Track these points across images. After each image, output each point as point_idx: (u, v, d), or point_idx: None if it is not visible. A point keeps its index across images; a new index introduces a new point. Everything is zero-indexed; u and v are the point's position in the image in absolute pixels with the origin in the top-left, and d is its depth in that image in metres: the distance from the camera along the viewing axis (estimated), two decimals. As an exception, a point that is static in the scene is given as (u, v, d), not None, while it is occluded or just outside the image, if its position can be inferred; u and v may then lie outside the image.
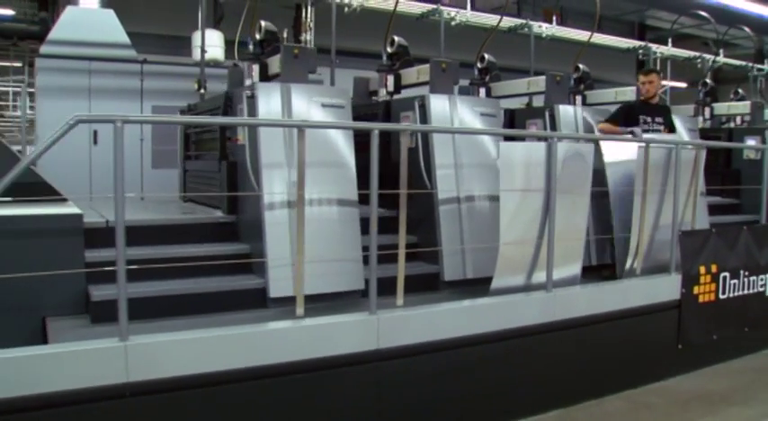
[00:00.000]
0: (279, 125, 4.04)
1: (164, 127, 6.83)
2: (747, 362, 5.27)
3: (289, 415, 3.10)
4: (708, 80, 8.55)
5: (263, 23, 5.13)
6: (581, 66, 6.66)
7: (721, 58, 10.37)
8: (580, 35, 8.62)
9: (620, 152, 4.98)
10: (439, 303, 3.76)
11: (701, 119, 8.05)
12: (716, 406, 4.30)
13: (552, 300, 4.11)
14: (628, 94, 7.03)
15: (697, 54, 10.35)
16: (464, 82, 5.83)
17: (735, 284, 5.22)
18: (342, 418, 3.28)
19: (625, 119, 5.31)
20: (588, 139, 4.93)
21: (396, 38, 5.64)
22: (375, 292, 3.36)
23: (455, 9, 7.75)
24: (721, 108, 8.59)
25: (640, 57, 10.13)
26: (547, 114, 5.59)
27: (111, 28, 6.65)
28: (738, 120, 8.75)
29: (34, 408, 2.57)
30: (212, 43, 7.28)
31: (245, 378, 2.90)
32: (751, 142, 7.58)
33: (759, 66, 10.76)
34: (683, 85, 13.15)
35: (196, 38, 7.23)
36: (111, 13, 6.70)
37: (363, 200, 3.75)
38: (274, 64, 5.05)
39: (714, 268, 5.06)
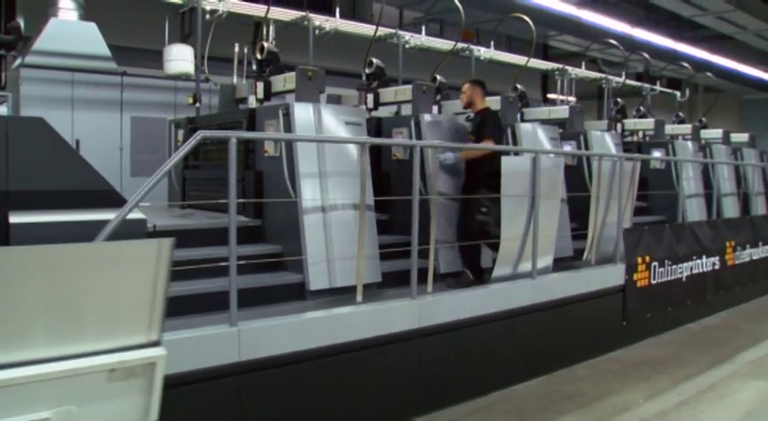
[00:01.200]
0: (346, 142, 4.56)
1: (144, 136, 7.07)
2: (672, 335, 6.44)
3: (362, 381, 3.72)
4: (619, 99, 9.93)
5: (265, 44, 5.64)
6: (438, 76, 6.93)
7: (622, 79, 11.91)
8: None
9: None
10: (462, 290, 4.55)
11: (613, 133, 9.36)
12: (659, 368, 5.34)
13: (538, 285, 4.98)
14: (560, 112, 8.16)
15: (602, 75, 11.84)
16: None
17: (661, 272, 6.37)
18: (395, 382, 3.94)
19: None
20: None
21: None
22: (416, 280, 4.05)
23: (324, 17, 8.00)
24: (629, 124, 9.99)
25: (556, 76, 11.39)
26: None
27: (93, 40, 6.80)
28: (641, 134, 10.21)
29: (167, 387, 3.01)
30: (183, 57, 7.59)
31: (332, 353, 3.48)
32: (657, 154, 8.97)
33: (652, 86, 12.50)
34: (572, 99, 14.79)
35: (167, 52, 7.53)
36: (93, 25, 6.84)
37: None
38: (278, 82, 5.59)
39: (647, 259, 6.17)
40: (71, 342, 1.26)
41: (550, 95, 13.69)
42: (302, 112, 4.57)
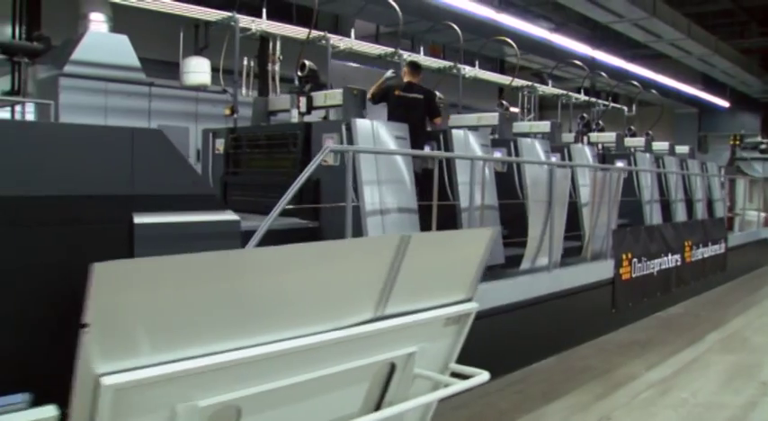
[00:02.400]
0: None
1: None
2: (648, 322, 7.47)
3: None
4: (585, 115, 11.04)
5: (306, 63, 6.25)
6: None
7: (581, 96, 13.10)
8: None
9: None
10: (496, 281, 5.35)
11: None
12: (646, 347, 6.31)
13: (553, 277, 5.84)
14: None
15: (564, 92, 12.99)
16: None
17: (639, 267, 7.40)
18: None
19: None
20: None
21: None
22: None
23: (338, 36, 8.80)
24: (593, 137, 11.11)
25: (526, 92, 12.41)
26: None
27: (125, 52, 7.17)
28: (600, 146, 11.36)
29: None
30: (201, 69, 8.05)
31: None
32: (620, 164, 10.09)
33: (604, 102, 13.78)
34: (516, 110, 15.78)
35: (186, 64, 7.98)
36: (125, 38, 7.21)
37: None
38: (319, 98, 6.21)
39: (630, 255, 7.18)
40: (420, 302, 1.88)
41: (513, 109, 14.74)
42: (363, 127, 5.23)
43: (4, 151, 3.52)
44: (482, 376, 2.13)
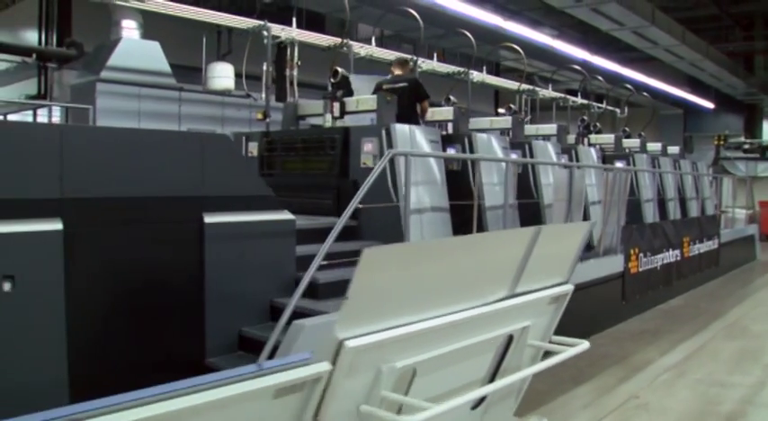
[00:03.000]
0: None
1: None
2: (653, 313, 7.95)
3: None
4: (585, 117, 11.53)
5: (339, 70, 6.60)
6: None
7: (578, 99, 13.62)
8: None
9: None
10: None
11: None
12: (657, 335, 6.77)
13: (576, 270, 6.25)
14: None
15: (562, 95, 13.49)
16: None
17: (645, 261, 7.88)
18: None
19: None
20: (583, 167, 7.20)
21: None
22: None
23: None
24: (593, 138, 11.61)
25: (525, 96, 12.88)
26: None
27: (157, 58, 7.46)
28: (598, 147, 11.87)
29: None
30: (225, 75, 8.37)
31: None
32: (619, 164, 10.59)
33: (599, 104, 14.32)
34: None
35: (211, 70, 8.29)
36: (156, 44, 7.49)
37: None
38: (351, 103, 6.56)
39: (637, 250, 7.65)
40: (536, 283, 2.27)
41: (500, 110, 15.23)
42: (401, 132, 5.62)
43: (104, 156, 3.85)
44: (583, 345, 2.52)
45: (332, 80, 6.52)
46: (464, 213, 6.14)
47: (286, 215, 4.94)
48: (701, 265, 10.01)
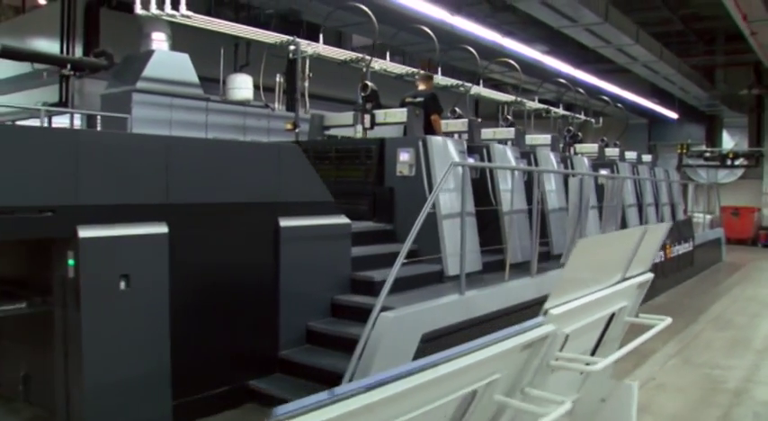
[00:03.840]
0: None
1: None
2: (645, 308, 8.63)
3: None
4: (571, 128, 12.29)
5: (369, 84, 7.09)
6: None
7: (560, 111, 14.41)
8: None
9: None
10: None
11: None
12: (640, 332, 7.46)
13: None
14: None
15: (546, 107, 14.25)
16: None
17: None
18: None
19: None
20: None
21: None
22: (536, 263, 5.79)
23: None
24: (579, 148, 12.38)
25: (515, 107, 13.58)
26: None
27: (186, 69, 7.81)
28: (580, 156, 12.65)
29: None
30: (245, 86, 8.77)
31: (518, 309, 5.15)
32: (603, 172, 11.37)
33: (575, 114, 15.14)
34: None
35: (231, 81, 8.68)
36: (186, 56, 7.84)
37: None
38: (379, 115, 7.06)
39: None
40: (633, 271, 2.85)
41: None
42: (437, 143, 6.17)
43: (201, 166, 4.26)
44: (667, 320, 3.10)
45: (362, 93, 7.01)
46: (483, 218, 6.69)
47: (344, 219, 5.43)
48: (680, 265, 10.86)
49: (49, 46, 9.15)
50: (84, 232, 3.54)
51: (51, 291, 3.78)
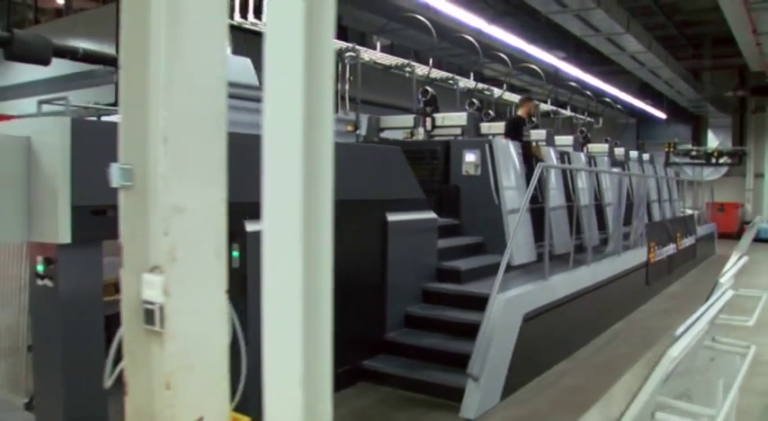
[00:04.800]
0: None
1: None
2: (663, 296, 9.50)
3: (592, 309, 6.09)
4: (584, 129, 13.07)
5: (429, 89, 7.71)
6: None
7: (569, 113, 15.18)
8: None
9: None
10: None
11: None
12: (679, 312, 8.24)
13: (619, 261, 7.65)
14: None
15: (555, 108, 15.01)
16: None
17: (659, 253, 9.41)
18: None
19: None
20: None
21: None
22: (591, 254, 6.50)
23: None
24: (591, 147, 13.17)
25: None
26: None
27: (249, 73, 8.28)
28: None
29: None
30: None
31: (584, 292, 5.83)
32: (615, 170, 12.16)
33: (576, 115, 15.96)
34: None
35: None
36: (248, 61, 8.30)
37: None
38: (439, 119, 7.70)
39: (654, 244, 9.16)
40: None
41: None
42: (501, 145, 6.84)
43: (342, 166, 4.82)
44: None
45: (422, 98, 7.62)
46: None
47: (432, 214, 6.05)
48: (686, 257, 11.73)
49: (97, 48, 9.50)
50: (251, 226, 4.09)
51: None
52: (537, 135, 10.05)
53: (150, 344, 1.75)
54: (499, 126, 8.94)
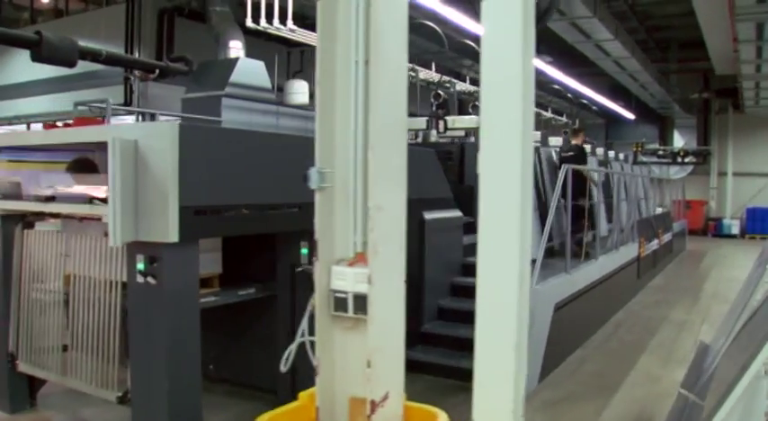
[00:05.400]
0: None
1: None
2: (650, 289, 10.06)
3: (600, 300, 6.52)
4: (566, 131, 13.61)
5: (441, 93, 8.04)
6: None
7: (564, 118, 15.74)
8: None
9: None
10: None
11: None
12: (666, 303, 8.81)
13: (618, 255, 8.13)
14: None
15: (542, 112, 15.55)
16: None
17: (647, 248, 9.97)
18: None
19: None
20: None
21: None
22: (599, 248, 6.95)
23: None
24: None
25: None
26: None
27: (262, 76, 8.48)
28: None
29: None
30: (302, 91, 9.51)
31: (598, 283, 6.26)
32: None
33: (556, 117, 16.56)
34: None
35: (290, 86, 9.40)
36: (262, 64, 8.50)
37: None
38: (449, 121, 8.04)
39: (643, 239, 9.71)
40: None
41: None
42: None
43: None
44: None
45: (435, 102, 7.94)
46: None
47: (458, 213, 6.38)
48: (665, 252, 12.39)
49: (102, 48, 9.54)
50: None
51: (275, 277, 4.48)
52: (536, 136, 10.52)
53: (343, 330, 2.02)
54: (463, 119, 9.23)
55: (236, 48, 8.49)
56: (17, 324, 4.30)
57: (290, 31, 7.04)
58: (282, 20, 7.02)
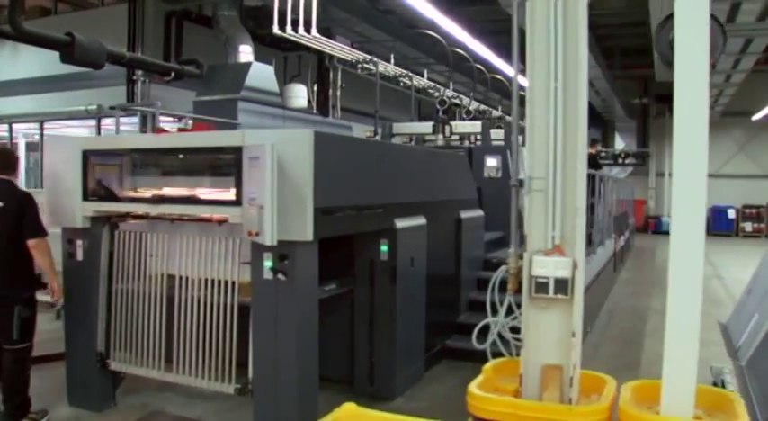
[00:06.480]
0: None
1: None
2: (622, 283, 10.97)
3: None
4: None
5: (447, 99, 8.54)
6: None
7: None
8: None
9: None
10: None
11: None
12: (646, 294, 9.69)
13: (602, 251, 8.91)
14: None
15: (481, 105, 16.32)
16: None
17: (619, 243, 10.86)
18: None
19: None
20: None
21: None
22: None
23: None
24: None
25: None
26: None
27: (270, 80, 8.70)
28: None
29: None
30: (301, 95, 9.80)
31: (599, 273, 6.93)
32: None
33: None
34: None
35: (289, 90, 9.68)
36: (271, 68, 8.71)
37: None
38: (455, 126, 8.56)
39: (616, 235, 10.58)
40: None
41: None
42: (520, 151, 7.74)
43: (433, 171, 5.54)
44: None
45: (440, 107, 8.44)
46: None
47: (481, 212, 6.89)
48: (626, 248, 13.45)
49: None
50: (399, 223, 4.75)
51: (353, 273, 4.83)
52: (471, 128, 11.13)
53: (538, 309, 2.50)
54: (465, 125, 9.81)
55: (245, 52, 8.68)
56: (107, 324, 4.45)
57: (313, 38, 7.34)
58: (307, 28, 7.32)
